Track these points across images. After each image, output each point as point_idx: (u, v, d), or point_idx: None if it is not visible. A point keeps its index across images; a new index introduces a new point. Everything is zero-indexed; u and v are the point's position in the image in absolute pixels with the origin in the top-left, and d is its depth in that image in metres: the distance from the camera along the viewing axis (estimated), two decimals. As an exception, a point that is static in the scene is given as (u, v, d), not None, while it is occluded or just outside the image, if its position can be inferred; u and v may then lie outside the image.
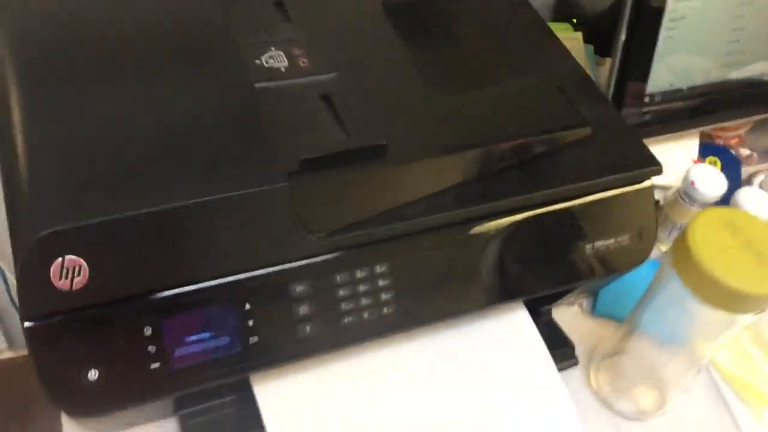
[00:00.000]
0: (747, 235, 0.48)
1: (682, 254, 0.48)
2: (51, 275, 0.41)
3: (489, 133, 0.54)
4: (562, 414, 0.57)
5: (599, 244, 0.57)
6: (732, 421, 0.61)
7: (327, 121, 0.52)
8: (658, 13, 0.72)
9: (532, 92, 0.59)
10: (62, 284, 0.42)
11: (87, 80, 0.49)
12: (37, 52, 0.50)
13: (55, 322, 0.43)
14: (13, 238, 0.43)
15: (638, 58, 0.75)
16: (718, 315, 0.48)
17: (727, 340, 0.62)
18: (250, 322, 0.47)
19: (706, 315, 0.49)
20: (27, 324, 0.42)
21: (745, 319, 0.49)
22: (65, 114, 0.47)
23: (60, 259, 0.41)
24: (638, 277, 0.60)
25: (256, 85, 0.52)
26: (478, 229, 0.52)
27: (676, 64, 0.75)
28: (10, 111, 0.47)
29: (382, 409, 0.54)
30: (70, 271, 0.42)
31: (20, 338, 1.16)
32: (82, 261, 0.42)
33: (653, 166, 0.57)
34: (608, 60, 0.81)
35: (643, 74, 0.76)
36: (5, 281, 1.04)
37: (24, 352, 1.04)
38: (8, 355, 1.01)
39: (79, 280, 0.42)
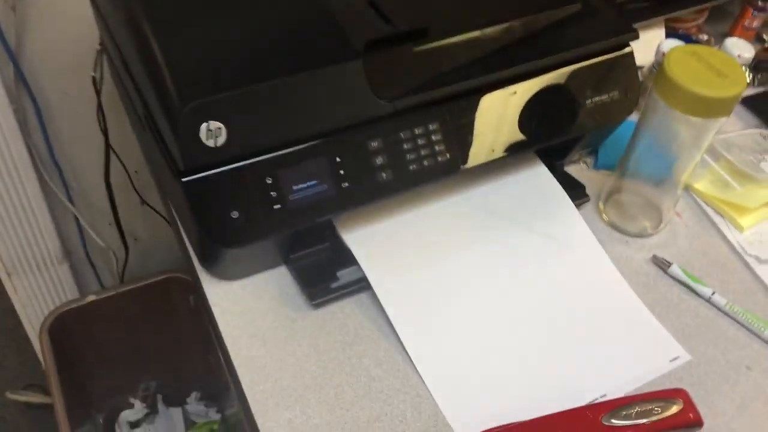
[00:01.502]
0: (707, 60, 0.63)
1: (662, 81, 0.64)
2: (200, 135, 0.56)
3: (501, 14, 0.69)
4: (581, 234, 0.73)
5: (596, 99, 0.72)
6: (715, 230, 0.77)
7: (378, 19, 0.66)
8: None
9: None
10: (209, 143, 0.56)
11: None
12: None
13: (205, 176, 0.57)
14: (163, 114, 0.57)
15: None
16: (695, 124, 0.64)
17: (708, 172, 0.78)
18: (341, 171, 0.62)
19: (685, 127, 0.64)
20: (185, 179, 0.57)
21: (716, 125, 0.64)
22: (189, 25, 0.61)
23: (206, 123, 0.56)
24: (627, 134, 0.75)
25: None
26: (501, 92, 0.67)
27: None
28: (144, 27, 0.61)
29: (437, 241, 0.70)
30: (213, 132, 0.56)
31: (91, 289, 1.28)
32: (221, 124, 0.56)
33: (631, 32, 0.73)
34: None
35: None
36: (82, 236, 1.17)
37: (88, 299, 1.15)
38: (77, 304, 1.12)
39: (220, 140, 0.57)
